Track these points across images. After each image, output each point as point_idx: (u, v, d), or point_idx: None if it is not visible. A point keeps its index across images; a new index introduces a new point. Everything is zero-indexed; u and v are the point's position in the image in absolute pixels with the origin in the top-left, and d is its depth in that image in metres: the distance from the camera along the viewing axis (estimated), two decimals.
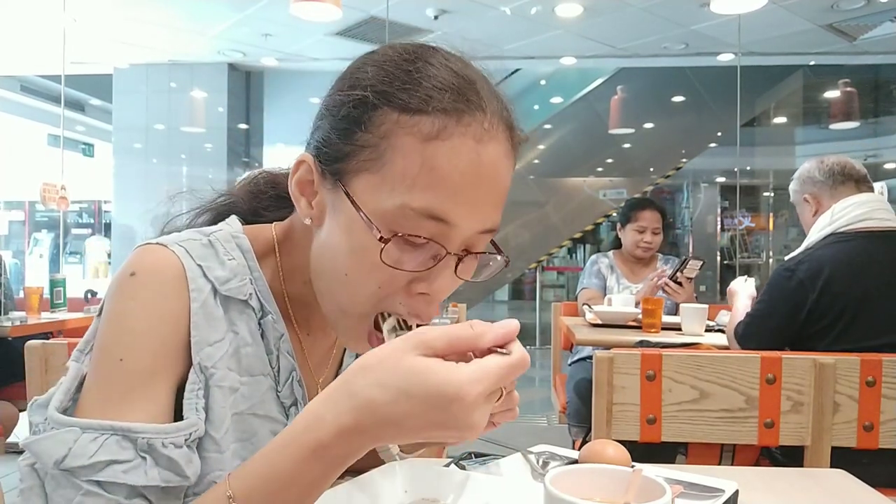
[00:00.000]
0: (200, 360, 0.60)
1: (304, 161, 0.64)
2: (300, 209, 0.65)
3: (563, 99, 8.77)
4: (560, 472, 0.57)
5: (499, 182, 0.60)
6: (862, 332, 1.61)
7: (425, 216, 0.57)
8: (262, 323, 0.67)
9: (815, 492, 0.87)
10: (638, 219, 3.03)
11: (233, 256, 0.66)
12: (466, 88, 0.59)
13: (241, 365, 0.65)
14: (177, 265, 0.61)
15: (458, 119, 0.57)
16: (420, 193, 0.57)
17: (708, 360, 1.42)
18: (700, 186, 9.92)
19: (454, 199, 0.57)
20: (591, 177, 8.64)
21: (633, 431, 1.41)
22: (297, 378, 0.69)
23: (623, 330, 2.43)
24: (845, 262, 1.66)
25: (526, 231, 8.44)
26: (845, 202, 1.76)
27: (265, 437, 0.66)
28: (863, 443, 1.40)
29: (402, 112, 0.57)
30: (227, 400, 0.62)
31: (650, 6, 5.41)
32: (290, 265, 0.70)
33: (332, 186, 0.61)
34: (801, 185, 1.94)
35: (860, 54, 6.58)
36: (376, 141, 0.58)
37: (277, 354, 0.68)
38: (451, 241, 0.59)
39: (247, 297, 0.65)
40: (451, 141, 0.57)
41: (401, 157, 0.57)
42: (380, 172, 0.58)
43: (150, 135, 7.47)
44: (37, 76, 8.28)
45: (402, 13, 5.48)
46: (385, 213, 0.58)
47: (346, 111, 0.60)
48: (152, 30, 6.07)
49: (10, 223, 11.25)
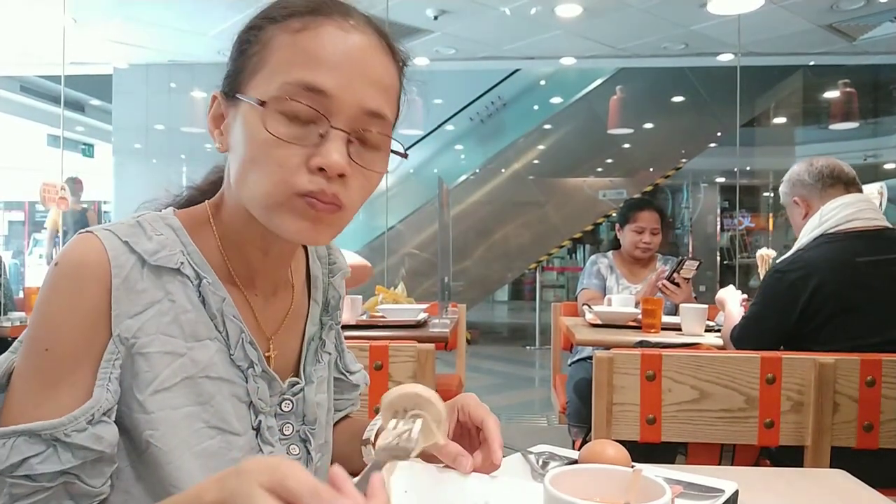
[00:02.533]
0: (120, 332, 0.64)
1: (215, 97, 0.72)
2: (214, 141, 0.71)
3: (562, 99, 8.77)
4: (560, 473, 0.57)
5: (372, 65, 0.67)
6: (854, 330, 1.62)
7: (302, 88, 0.64)
8: (201, 289, 0.70)
9: (815, 492, 0.87)
10: (636, 219, 3.03)
11: (161, 233, 0.70)
12: (331, 3, 0.69)
13: (184, 331, 0.68)
14: (98, 249, 0.65)
15: (323, 14, 0.67)
16: (295, 70, 0.64)
17: (708, 360, 1.42)
18: (700, 186, 9.93)
19: (325, 70, 0.64)
20: (590, 177, 8.64)
21: (633, 431, 1.41)
22: (247, 340, 0.72)
23: (623, 330, 2.43)
24: (835, 262, 1.67)
25: (526, 231, 8.44)
26: (833, 203, 1.77)
27: (225, 398, 0.70)
28: (863, 443, 1.40)
29: (278, 22, 0.67)
30: (165, 365, 0.66)
31: (650, 6, 5.41)
32: (225, 231, 0.74)
33: (233, 104, 0.69)
34: (790, 187, 1.95)
35: (860, 54, 6.58)
36: (260, 48, 0.67)
37: (222, 318, 0.71)
38: (332, 113, 0.65)
39: (178, 265, 0.69)
40: (317, 29, 0.66)
41: (277, 50, 0.66)
42: (264, 70, 0.66)
43: (150, 135, 7.47)
44: (37, 76, 8.28)
45: (402, 13, 5.48)
46: (270, 97, 0.64)
47: (239, 41, 0.70)
48: (152, 30, 6.07)
49: (10, 223, 11.26)
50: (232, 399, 0.70)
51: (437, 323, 2.51)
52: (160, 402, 0.65)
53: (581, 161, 8.58)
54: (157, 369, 0.66)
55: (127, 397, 0.65)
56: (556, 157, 8.64)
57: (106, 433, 0.63)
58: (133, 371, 0.65)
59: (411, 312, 2.56)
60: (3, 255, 3.69)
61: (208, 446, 0.68)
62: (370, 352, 1.51)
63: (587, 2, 5.35)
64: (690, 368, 1.41)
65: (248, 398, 0.72)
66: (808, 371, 1.40)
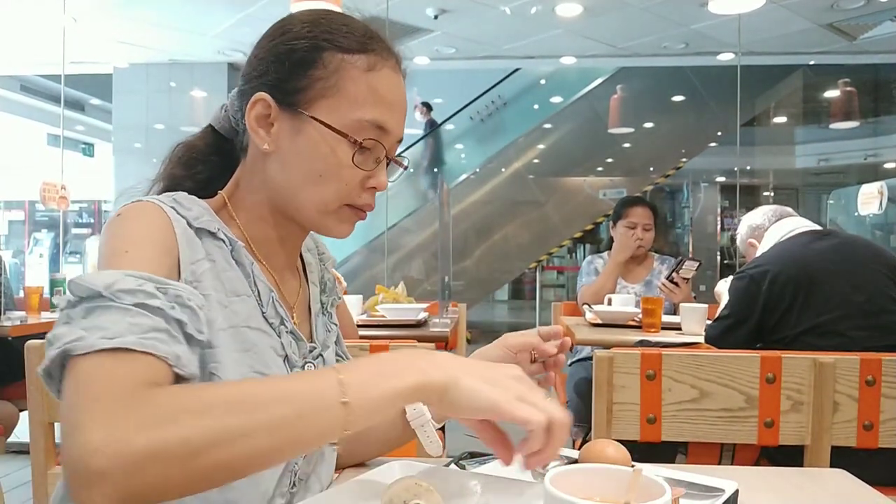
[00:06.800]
0: (186, 275, 0.70)
1: (262, 99, 0.78)
2: (258, 138, 0.78)
3: (562, 98, 8.77)
4: (560, 472, 0.57)
5: (405, 102, 0.82)
6: (819, 307, 1.75)
7: (373, 126, 0.77)
8: (234, 254, 0.78)
9: (815, 492, 0.87)
10: (629, 215, 3.03)
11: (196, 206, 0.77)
12: (381, 36, 0.81)
13: (225, 287, 0.75)
14: (155, 206, 0.73)
15: (383, 56, 0.79)
16: (369, 109, 0.77)
17: (708, 359, 1.42)
18: (700, 186, 9.93)
19: (389, 112, 0.78)
20: (591, 176, 8.64)
21: (633, 431, 1.42)
22: (275, 299, 0.80)
23: (623, 330, 2.43)
24: (787, 253, 1.88)
25: (526, 231, 8.44)
26: (777, 226, 2.04)
27: (265, 349, 0.76)
28: (862, 442, 1.40)
29: (346, 52, 0.77)
30: (215, 311, 0.72)
31: (650, 6, 5.41)
32: (246, 218, 0.82)
33: (292, 115, 0.77)
34: (748, 233, 2.22)
35: (860, 54, 6.59)
36: (328, 74, 0.76)
37: (254, 279, 0.78)
38: (386, 144, 0.79)
39: (216, 230, 0.76)
40: (383, 71, 0.78)
41: (351, 84, 0.76)
42: (335, 97, 0.76)
43: (150, 135, 7.46)
44: (37, 76, 8.28)
45: (402, 13, 5.48)
46: (345, 126, 0.76)
47: (299, 55, 0.77)
48: (152, 30, 6.07)
49: (10, 223, 11.26)
50: (270, 351, 0.77)
51: (437, 322, 2.51)
52: (220, 340, 0.71)
53: (581, 160, 8.58)
54: (213, 312, 0.71)
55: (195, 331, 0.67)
56: (557, 156, 8.65)
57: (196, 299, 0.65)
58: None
59: (411, 312, 2.56)
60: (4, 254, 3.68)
61: None
62: (370, 352, 1.51)
63: (587, 1, 5.35)
64: (690, 368, 1.41)
65: (283, 351, 0.78)
66: (807, 370, 1.40)
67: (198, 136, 0.91)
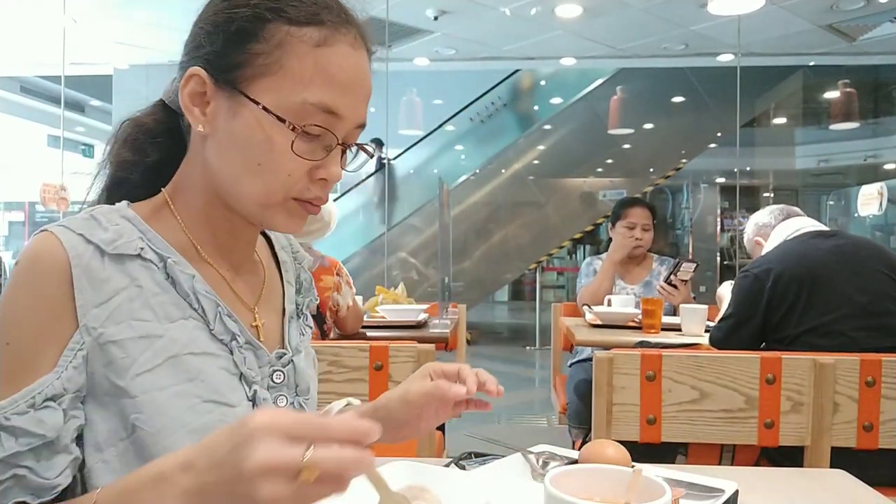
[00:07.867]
0: (86, 322, 0.65)
1: (195, 74, 0.70)
2: (192, 118, 0.71)
3: (562, 99, 8.77)
4: (560, 472, 0.57)
5: (367, 84, 0.73)
6: (822, 306, 1.75)
7: (321, 110, 0.67)
8: (168, 271, 0.71)
9: (815, 492, 0.87)
10: (627, 215, 3.03)
11: (117, 223, 0.70)
12: (339, 5, 0.71)
13: (157, 314, 0.69)
14: (54, 244, 0.66)
15: (337, 30, 0.69)
16: (316, 90, 0.67)
17: (708, 360, 1.42)
18: (700, 187, 9.92)
19: (342, 95, 0.68)
20: (590, 177, 8.64)
21: (633, 432, 1.42)
22: (224, 313, 0.73)
23: (623, 330, 2.43)
24: (791, 252, 1.88)
25: (526, 231, 8.44)
26: (784, 225, 2.05)
27: (215, 372, 0.70)
28: (862, 443, 1.40)
29: (293, 24, 0.67)
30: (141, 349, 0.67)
31: (650, 7, 5.41)
32: (188, 212, 0.75)
33: (229, 93, 0.69)
34: (754, 231, 2.23)
35: (860, 55, 6.59)
36: (270, 49, 0.67)
37: (195, 296, 0.71)
38: (339, 132, 0.70)
39: (138, 251, 0.69)
40: (336, 47, 0.68)
41: (296, 61, 0.67)
42: (277, 75, 0.67)
43: None
44: (37, 77, 8.29)
45: (402, 13, 5.48)
46: (287, 109, 0.67)
47: (238, 25, 0.68)
48: (152, 31, 6.07)
49: (10, 223, 11.26)
50: (221, 372, 0.71)
51: (437, 323, 2.51)
52: (143, 384, 0.66)
53: (581, 161, 8.57)
54: (133, 354, 0.66)
55: (107, 385, 0.65)
56: (557, 157, 8.64)
57: (49, 418, 0.62)
58: (106, 359, 0.65)
59: (411, 313, 2.56)
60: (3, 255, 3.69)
61: (207, 421, 0.68)
62: (370, 352, 1.51)
63: (587, 2, 5.35)
64: (690, 369, 1.41)
65: (237, 370, 0.72)
66: (807, 371, 1.40)
67: (147, 111, 0.83)
